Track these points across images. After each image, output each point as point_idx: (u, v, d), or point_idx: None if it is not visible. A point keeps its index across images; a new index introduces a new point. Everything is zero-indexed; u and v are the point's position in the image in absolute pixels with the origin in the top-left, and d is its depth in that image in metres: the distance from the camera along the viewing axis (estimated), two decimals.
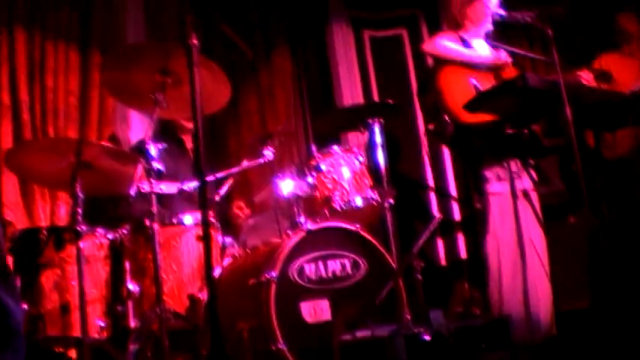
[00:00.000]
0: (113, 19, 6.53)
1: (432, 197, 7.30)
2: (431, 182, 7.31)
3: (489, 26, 5.52)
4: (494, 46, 5.58)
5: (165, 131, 5.52)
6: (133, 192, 4.25)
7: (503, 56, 5.38)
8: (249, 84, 7.30)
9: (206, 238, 3.11)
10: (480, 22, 5.49)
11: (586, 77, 5.39)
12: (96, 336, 4.39)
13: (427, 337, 3.60)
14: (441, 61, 5.37)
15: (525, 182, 5.25)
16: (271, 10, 7.52)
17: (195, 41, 3.24)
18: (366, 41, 7.74)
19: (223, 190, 5.24)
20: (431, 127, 5.65)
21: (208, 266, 3.09)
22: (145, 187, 4.25)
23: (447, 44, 5.40)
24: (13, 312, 2.71)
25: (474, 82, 5.15)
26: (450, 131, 5.27)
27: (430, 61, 5.74)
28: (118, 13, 6.58)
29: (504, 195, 5.23)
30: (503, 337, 3.96)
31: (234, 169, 5.03)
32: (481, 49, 5.48)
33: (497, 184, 5.25)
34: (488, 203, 5.27)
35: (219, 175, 4.87)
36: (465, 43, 5.45)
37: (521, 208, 5.20)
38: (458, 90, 5.17)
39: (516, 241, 5.15)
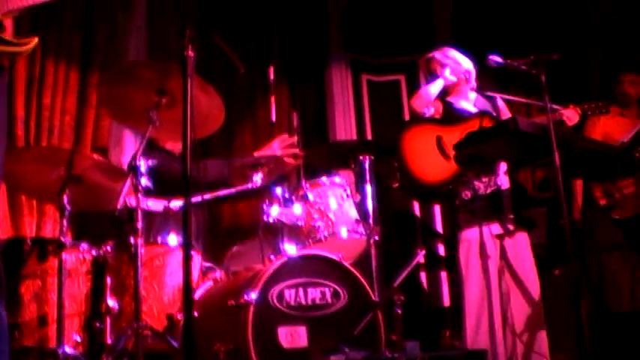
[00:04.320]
0: (116, 42, 6.58)
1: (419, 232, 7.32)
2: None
3: (467, 84, 5.68)
4: (485, 97, 5.69)
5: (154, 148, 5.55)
6: (119, 206, 4.26)
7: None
8: (247, 119, 7.34)
9: (186, 258, 3.11)
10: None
11: (569, 114, 5.36)
12: (71, 350, 4.36)
13: None
14: (407, 123, 5.51)
15: (500, 228, 5.31)
16: (272, 48, 7.60)
17: (191, 53, 3.27)
18: (364, 84, 7.83)
19: None
20: (395, 185, 5.74)
21: (187, 285, 3.10)
22: (132, 203, 4.26)
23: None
24: (2, 316, 2.73)
25: None
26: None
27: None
28: (121, 36, 6.63)
29: (473, 241, 5.31)
30: None
31: (223, 192, 5.05)
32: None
33: (467, 231, 5.33)
34: (458, 250, 5.42)
35: (206, 196, 4.88)
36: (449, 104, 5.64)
37: (495, 254, 5.25)
38: (421, 151, 5.31)
39: (484, 286, 5.21)
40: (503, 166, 5.38)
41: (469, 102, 5.66)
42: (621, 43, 7.08)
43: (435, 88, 5.58)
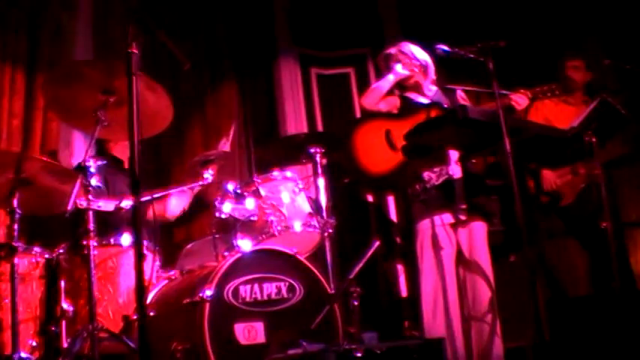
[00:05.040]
0: (62, 43, 6.49)
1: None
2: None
3: (426, 77, 5.68)
4: (445, 90, 5.69)
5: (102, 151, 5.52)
6: (70, 208, 4.21)
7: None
8: (195, 117, 7.29)
9: (138, 257, 3.08)
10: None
11: (517, 99, 5.36)
12: (27, 355, 4.31)
13: (359, 354, 3.61)
14: (359, 120, 5.52)
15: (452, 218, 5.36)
16: (219, 44, 7.54)
17: (135, 50, 3.24)
18: (313, 78, 7.81)
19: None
20: (346, 180, 5.77)
21: (140, 285, 3.07)
22: (83, 204, 4.21)
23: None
24: None
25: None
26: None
27: None
28: (66, 37, 6.53)
29: (426, 232, 5.38)
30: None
31: (173, 189, 5.02)
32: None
33: (421, 222, 5.41)
34: (415, 241, 5.45)
35: (157, 194, 4.85)
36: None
37: (448, 244, 5.31)
38: (370, 145, 5.32)
39: (439, 276, 5.26)
40: (454, 155, 5.39)
41: (427, 96, 5.64)
42: (566, 28, 7.14)
43: (386, 83, 5.54)
